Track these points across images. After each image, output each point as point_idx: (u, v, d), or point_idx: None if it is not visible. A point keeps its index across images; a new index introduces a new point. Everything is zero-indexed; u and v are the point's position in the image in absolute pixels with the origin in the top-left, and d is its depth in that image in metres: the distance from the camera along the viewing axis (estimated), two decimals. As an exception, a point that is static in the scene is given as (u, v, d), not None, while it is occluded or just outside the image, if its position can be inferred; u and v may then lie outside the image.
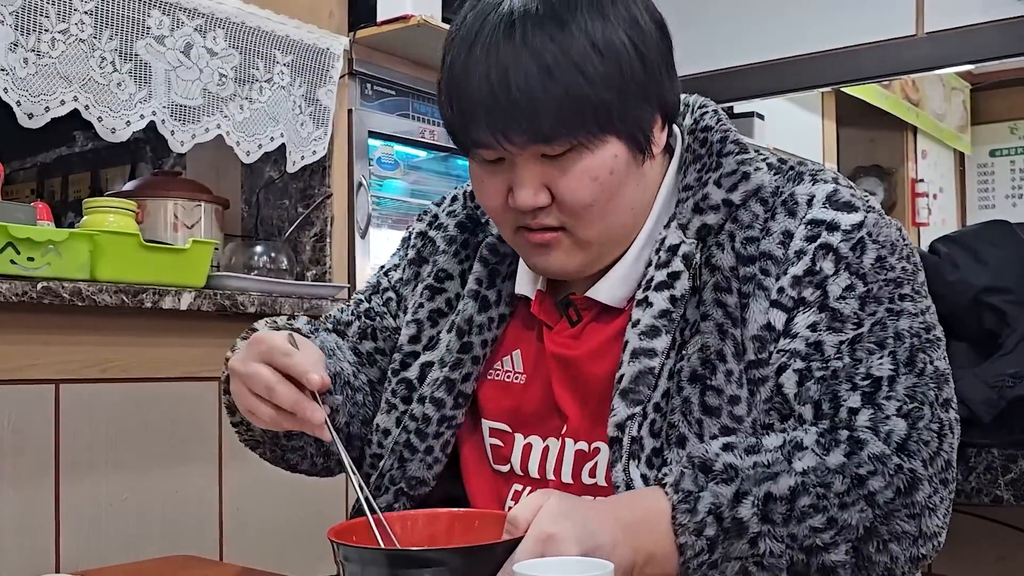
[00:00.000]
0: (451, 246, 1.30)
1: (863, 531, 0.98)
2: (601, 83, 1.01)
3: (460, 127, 1.07)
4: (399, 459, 1.23)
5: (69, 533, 1.96)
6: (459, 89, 1.04)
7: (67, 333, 1.98)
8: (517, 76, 1.00)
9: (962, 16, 2.65)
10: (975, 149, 6.21)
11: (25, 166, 3.39)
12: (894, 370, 1.03)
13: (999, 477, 1.80)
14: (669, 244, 1.11)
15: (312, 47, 2.43)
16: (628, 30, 1.04)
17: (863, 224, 1.08)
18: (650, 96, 1.07)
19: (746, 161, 1.13)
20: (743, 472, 0.98)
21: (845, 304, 1.05)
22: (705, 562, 0.96)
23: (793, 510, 0.97)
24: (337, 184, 2.53)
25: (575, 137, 1.03)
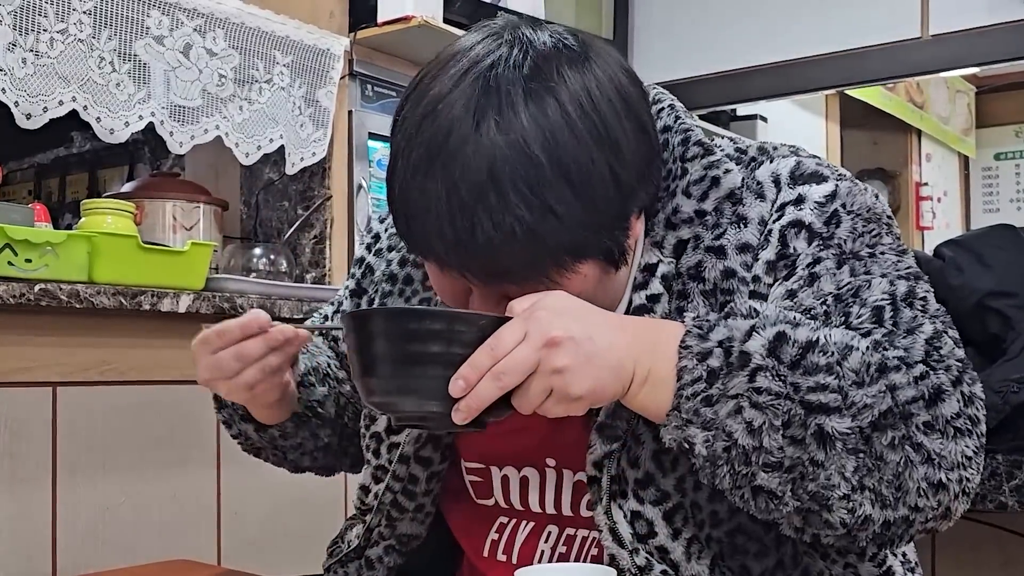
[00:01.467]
0: (394, 285, 1.22)
1: (876, 416, 0.86)
2: (574, 221, 0.91)
3: (416, 247, 0.98)
4: (387, 517, 1.19)
5: (66, 537, 1.95)
6: (415, 211, 0.93)
7: (65, 335, 1.97)
8: (482, 221, 0.89)
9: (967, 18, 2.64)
10: (980, 152, 6.20)
11: (23, 167, 3.39)
12: (892, 302, 0.95)
13: (1004, 483, 1.79)
14: (646, 263, 1.04)
15: (312, 48, 2.42)
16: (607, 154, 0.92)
17: (836, 194, 1.01)
18: (627, 213, 0.97)
19: (713, 164, 1.04)
20: (765, 312, 0.90)
21: (821, 266, 0.98)
22: (700, 393, 0.88)
23: (803, 358, 0.87)
24: (337, 186, 2.52)
25: (545, 275, 0.94)
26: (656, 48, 3.05)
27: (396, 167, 0.96)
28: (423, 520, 1.20)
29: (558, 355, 0.85)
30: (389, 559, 1.21)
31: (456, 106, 0.92)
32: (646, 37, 3.07)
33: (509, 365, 0.85)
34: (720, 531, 1.01)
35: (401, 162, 0.95)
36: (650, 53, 3.05)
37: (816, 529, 0.90)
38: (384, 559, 1.22)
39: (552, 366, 0.86)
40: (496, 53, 0.94)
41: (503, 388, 0.86)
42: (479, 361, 0.86)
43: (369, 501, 1.21)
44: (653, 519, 1.00)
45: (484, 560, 1.17)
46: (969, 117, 6.08)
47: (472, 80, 0.93)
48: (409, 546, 1.21)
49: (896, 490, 0.87)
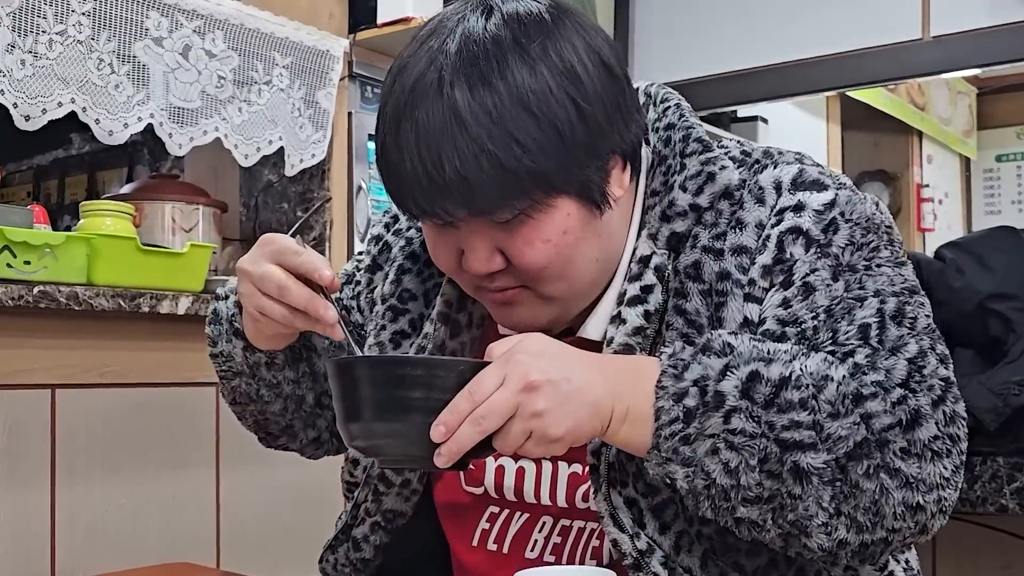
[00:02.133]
0: (415, 264, 1.23)
1: (852, 447, 0.88)
2: (538, 151, 0.95)
3: (398, 201, 1.02)
4: (373, 492, 1.20)
5: (65, 539, 1.94)
6: (392, 167, 0.99)
7: (64, 337, 1.96)
8: (448, 154, 0.94)
9: (968, 19, 2.64)
10: (981, 154, 6.19)
11: (21, 168, 3.39)
12: (881, 321, 0.96)
13: (1004, 486, 1.79)
14: (640, 255, 1.06)
15: (312, 49, 2.41)
16: (566, 84, 0.96)
17: (835, 203, 1.02)
18: (599, 150, 1.00)
19: (710, 160, 1.06)
20: (738, 350, 0.92)
21: (816, 277, 0.99)
22: (678, 433, 0.90)
23: (777, 397, 0.89)
24: (336, 188, 2.52)
25: (518, 207, 0.97)
26: (657, 49, 3.05)
27: (377, 128, 1.02)
28: (409, 497, 1.20)
29: (537, 399, 0.87)
30: (375, 537, 1.21)
31: (422, 60, 0.98)
32: (647, 38, 3.07)
33: (488, 410, 0.87)
34: (710, 528, 1.02)
35: (380, 121, 1.01)
36: (651, 54, 3.04)
37: (797, 550, 0.94)
38: (370, 537, 1.22)
39: (531, 410, 0.87)
40: (463, 13, 1.00)
41: (483, 432, 0.87)
42: (459, 406, 0.88)
43: (357, 474, 1.22)
44: (643, 510, 1.03)
45: (472, 550, 1.17)
46: (970, 118, 6.07)
47: (439, 37, 0.99)
48: (394, 523, 1.21)
49: (874, 515, 0.90)
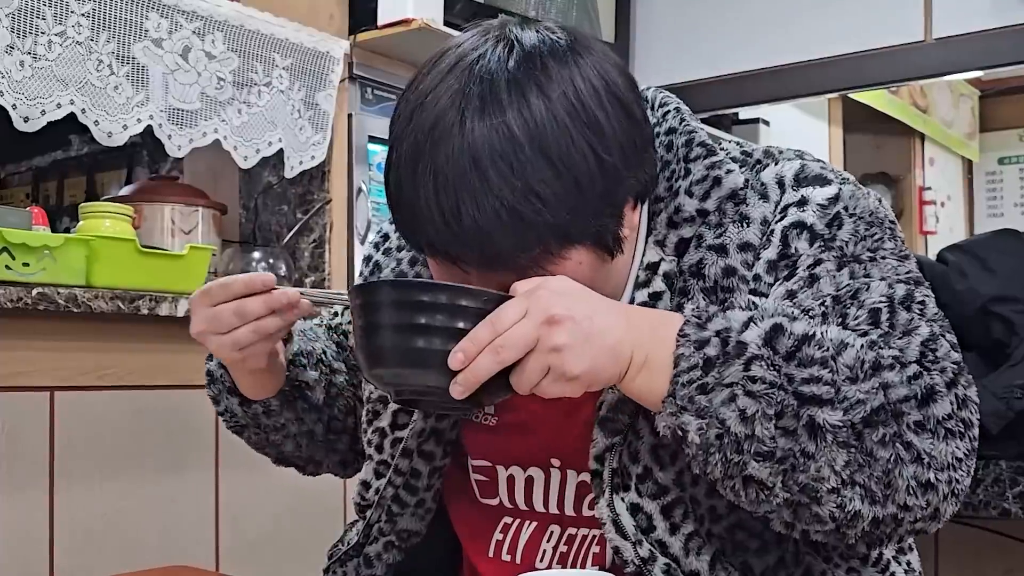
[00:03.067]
0: None
1: (868, 412, 0.87)
2: (557, 204, 0.93)
3: (410, 238, 1.00)
4: (387, 512, 1.19)
5: (63, 543, 1.94)
6: (406, 206, 0.96)
7: (62, 340, 1.96)
8: (467, 203, 0.91)
9: (971, 21, 2.63)
10: (983, 156, 6.18)
11: (20, 170, 3.38)
12: (890, 305, 0.96)
13: (1007, 490, 1.78)
14: (648, 262, 1.06)
15: (311, 50, 2.41)
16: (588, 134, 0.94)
17: (839, 197, 1.02)
18: (616, 198, 0.98)
19: (715, 164, 1.06)
20: (764, 306, 0.93)
21: (821, 268, 0.99)
22: (695, 380, 0.89)
23: (799, 351, 0.88)
24: (336, 190, 2.51)
25: (532, 261, 0.95)
26: (658, 52, 3.04)
27: (390, 161, 0.99)
28: (423, 516, 1.20)
29: (558, 333, 0.87)
30: (388, 555, 1.22)
31: (443, 98, 0.95)
32: (648, 41, 3.06)
33: (509, 340, 0.87)
34: (720, 527, 1.02)
35: (394, 155, 0.98)
36: (652, 57, 3.04)
37: (806, 524, 0.92)
38: (383, 555, 1.22)
39: (551, 344, 0.87)
40: (482, 48, 0.97)
41: (501, 363, 0.87)
42: (479, 335, 0.87)
43: (370, 496, 1.21)
44: (652, 513, 1.02)
45: (489, 560, 1.17)
46: (973, 121, 6.07)
47: (459, 74, 0.96)
48: (409, 542, 1.21)
49: (886, 487, 0.88)
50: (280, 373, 1.18)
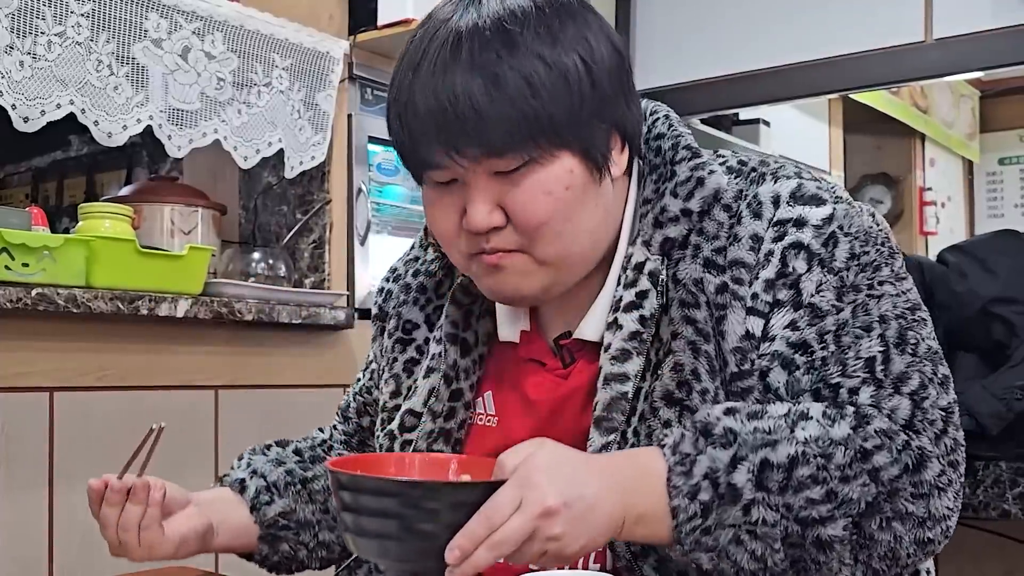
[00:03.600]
0: (409, 294, 1.28)
1: (865, 506, 0.94)
2: (549, 97, 0.99)
3: (410, 147, 1.04)
4: None
5: (63, 543, 1.94)
6: (407, 108, 1.02)
7: (62, 340, 1.96)
8: (464, 91, 0.98)
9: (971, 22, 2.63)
10: (984, 157, 6.18)
11: (20, 170, 3.38)
12: (884, 350, 1.01)
13: (1007, 491, 1.78)
14: (635, 262, 1.08)
15: (311, 51, 2.40)
16: (579, 50, 1.02)
17: (833, 217, 1.04)
18: (603, 114, 1.04)
19: (699, 166, 1.10)
20: (742, 437, 0.95)
21: (821, 298, 1.02)
22: (698, 527, 0.93)
23: (790, 479, 0.93)
24: (336, 190, 2.51)
25: (526, 151, 1.00)
26: (658, 52, 3.04)
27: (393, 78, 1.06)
28: None
29: (554, 524, 0.88)
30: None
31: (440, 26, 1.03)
32: (648, 41, 3.06)
33: (505, 535, 0.87)
34: None
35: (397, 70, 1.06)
36: (652, 57, 3.03)
37: None
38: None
39: (548, 534, 0.88)
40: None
41: (498, 557, 0.88)
42: (475, 531, 0.87)
43: None
44: None
45: None
46: (973, 121, 6.06)
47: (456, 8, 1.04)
48: None
49: (890, 561, 0.96)
50: (237, 527, 1.28)
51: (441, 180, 1.05)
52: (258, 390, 2.30)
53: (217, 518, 1.24)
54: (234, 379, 2.24)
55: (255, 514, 1.28)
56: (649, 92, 2.88)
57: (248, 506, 1.29)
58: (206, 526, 1.23)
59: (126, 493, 1.15)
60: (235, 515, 1.28)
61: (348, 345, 2.50)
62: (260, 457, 1.36)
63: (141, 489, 1.15)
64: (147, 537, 1.16)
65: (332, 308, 2.38)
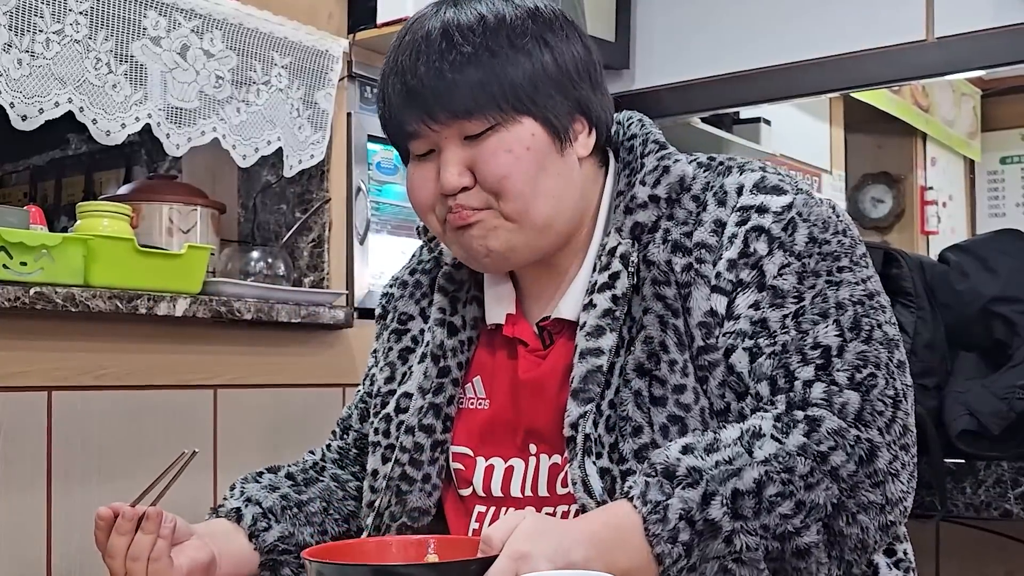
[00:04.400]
0: (405, 289, 1.38)
1: (831, 508, 1.01)
2: (512, 67, 1.12)
3: (390, 121, 1.18)
4: (396, 493, 1.25)
5: (61, 543, 1.93)
6: (386, 87, 1.17)
7: (60, 339, 1.95)
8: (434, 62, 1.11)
9: (973, 21, 2.62)
10: (985, 156, 6.17)
11: (18, 169, 3.37)
12: (840, 336, 1.08)
13: (1008, 490, 1.78)
14: (609, 247, 1.18)
15: (311, 49, 2.40)
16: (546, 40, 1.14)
17: (792, 205, 1.13)
18: (566, 92, 1.16)
19: (665, 156, 1.20)
20: (707, 473, 1.00)
21: (783, 280, 1.10)
22: (684, 567, 0.99)
23: (762, 502, 0.99)
24: (335, 189, 2.51)
25: (491, 114, 1.12)
26: (658, 51, 3.03)
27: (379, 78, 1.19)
28: (431, 492, 1.25)
29: None
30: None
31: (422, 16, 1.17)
32: (648, 39, 3.05)
33: None
34: None
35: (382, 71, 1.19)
36: (652, 56, 3.03)
37: None
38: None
39: None
40: None
41: None
42: None
43: (378, 484, 1.28)
44: (616, 476, 1.11)
45: None
46: (975, 121, 6.05)
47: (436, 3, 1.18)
48: (420, 522, 1.25)
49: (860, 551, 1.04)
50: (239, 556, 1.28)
51: (420, 152, 1.18)
52: (257, 389, 2.29)
53: (218, 548, 1.25)
54: (233, 378, 2.23)
55: (254, 541, 1.30)
56: (649, 91, 2.88)
57: (246, 534, 1.30)
58: (210, 557, 1.23)
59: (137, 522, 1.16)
60: (235, 544, 1.28)
61: (347, 344, 2.49)
62: (253, 484, 1.37)
63: (155, 518, 1.16)
64: (156, 569, 1.16)
65: (331, 307, 2.38)
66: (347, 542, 1.14)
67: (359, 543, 1.11)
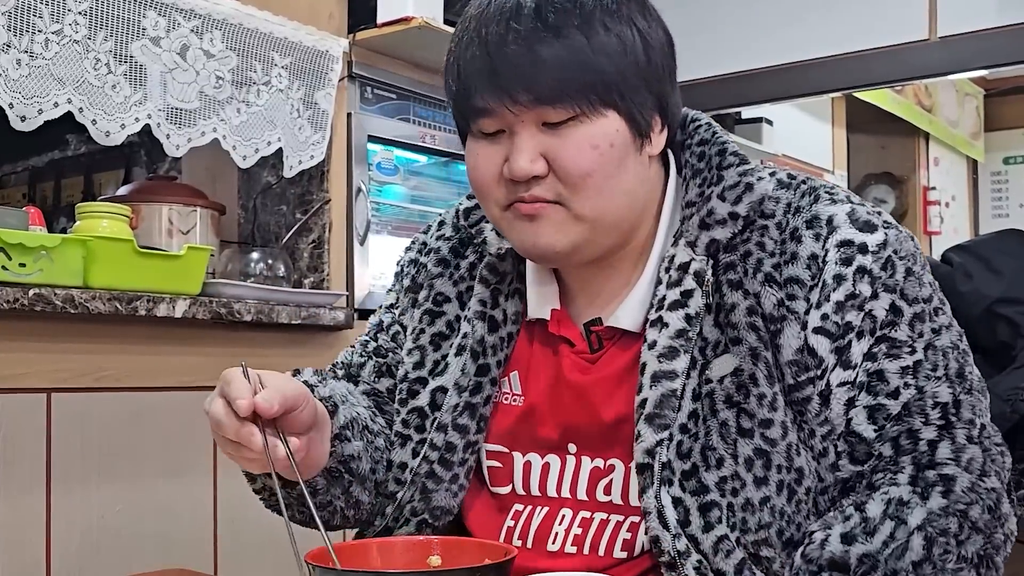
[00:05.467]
0: (445, 268, 1.30)
1: (978, 558, 1.02)
2: (604, 56, 1.04)
3: (463, 95, 1.08)
4: (421, 490, 1.22)
5: (60, 546, 1.93)
6: (463, 58, 1.07)
7: (59, 341, 1.95)
8: (525, 39, 1.03)
9: (976, 20, 2.61)
10: (988, 156, 6.16)
11: (17, 170, 3.37)
12: (953, 392, 1.07)
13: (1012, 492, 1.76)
14: (679, 262, 1.12)
15: (311, 49, 2.39)
16: (637, 25, 1.07)
17: (887, 243, 1.09)
18: (651, 86, 1.09)
19: (747, 172, 1.14)
20: (880, 555, 1.01)
21: (897, 331, 1.08)
22: None
23: (935, 564, 1.01)
24: (335, 190, 2.50)
25: (577, 104, 1.04)
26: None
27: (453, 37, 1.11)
28: (457, 492, 1.22)
29: None
30: (423, 535, 1.22)
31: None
32: (650, 39, 3.05)
33: None
34: (747, 538, 1.06)
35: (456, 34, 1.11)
36: (654, 55, 3.02)
37: None
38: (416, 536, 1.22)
39: None
40: None
41: None
42: None
43: (404, 477, 1.23)
44: (690, 508, 1.07)
45: None
46: (978, 120, 6.05)
47: None
48: (441, 520, 1.23)
49: None
50: (323, 449, 1.16)
51: (488, 131, 1.09)
52: (257, 391, 2.28)
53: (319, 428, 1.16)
54: (233, 380, 2.23)
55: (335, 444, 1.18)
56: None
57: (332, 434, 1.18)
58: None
59: None
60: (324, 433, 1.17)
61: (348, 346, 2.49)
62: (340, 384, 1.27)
63: None
64: None
65: (331, 308, 2.37)
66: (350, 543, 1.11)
67: (362, 544, 1.09)
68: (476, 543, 1.01)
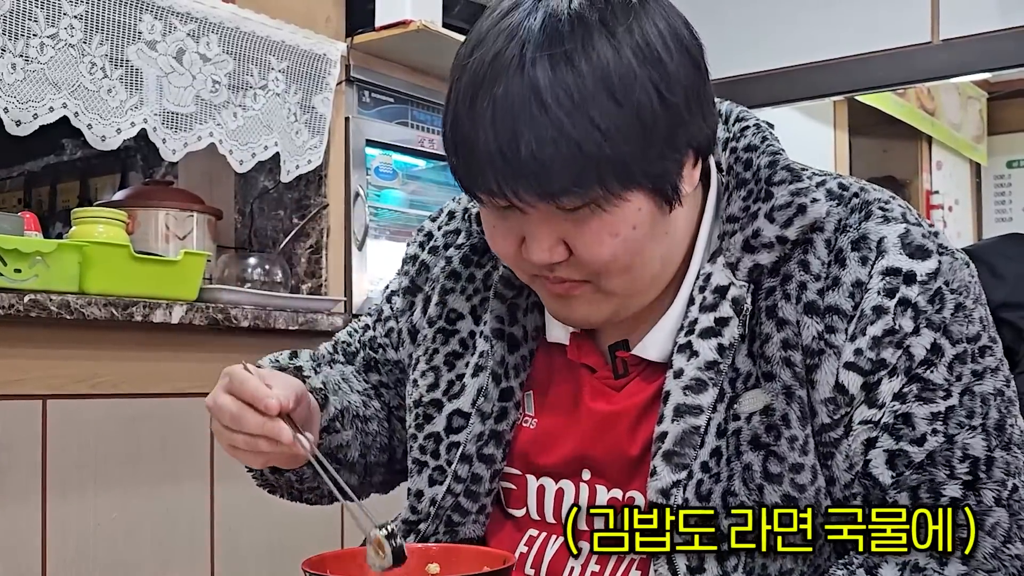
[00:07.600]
0: (457, 282, 1.21)
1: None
2: (619, 138, 0.91)
3: (467, 179, 0.98)
4: (446, 523, 1.16)
5: (56, 553, 1.92)
6: (465, 142, 0.95)
7: (55, 347, 1.94)
8: (525, 134, 0.91)
9: (979, 23, 2.60)
10: (991, 160, 6.15)
11: (12, 175, 3.37)
12: (987, 444, 0.98)
13: None
14: (716, 284, 1.03)
15: (308, 53, 2.38)
16: (650, 71, 0.93)
17: (939, 272, 0.99)
18: (677, 141, 0.96)
19: (801, 191, 1.03)
20: None
21: (934, 372, 0.98)
22: None
23: None
24: (333, 194, 2.50)
25: (589, 197, 0.93)
26: (661, 54, 3.02)
27: (448, 100, 0.98)
28: (484, 522, 1.17)
29: None
30: None
31: (501, 35, 0.94)
32: (651, 43, 3.04)
33: None
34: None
35: (452, 93, 0.97)
36: (655, 59, 3.02)
37: None
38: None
39: None
40: None
41: None
42: None
43: (423, 508, 1.17)
44: (705, 555, 1.00)
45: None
46: (981, 124, 6.04)
47: (518, 13, 0.95)
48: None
49: None
50: None
51: (499, 206, 0.98)
52: (255, 397, 2.28)
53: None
54: (230, 386, 2.22)
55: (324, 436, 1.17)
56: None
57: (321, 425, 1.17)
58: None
59: None
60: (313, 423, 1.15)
61: (346, 351, 2.48)
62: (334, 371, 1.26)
63: None
64: None
65: (329, 314, 2.36)
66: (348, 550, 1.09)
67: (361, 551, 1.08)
68: (474, 550, 0.99)
